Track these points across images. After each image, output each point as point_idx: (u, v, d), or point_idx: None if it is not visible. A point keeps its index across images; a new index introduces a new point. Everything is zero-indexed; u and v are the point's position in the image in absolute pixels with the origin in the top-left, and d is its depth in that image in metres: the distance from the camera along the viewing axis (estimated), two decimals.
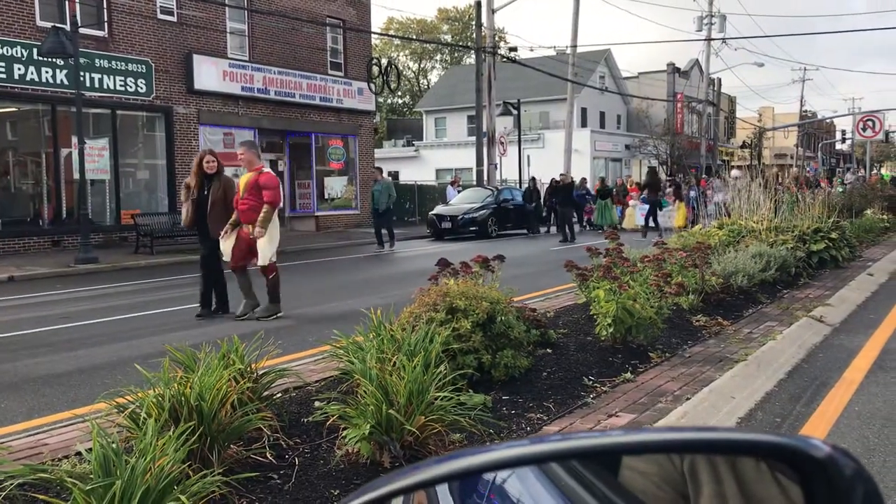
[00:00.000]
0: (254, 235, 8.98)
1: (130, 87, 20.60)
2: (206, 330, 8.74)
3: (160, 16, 21.45)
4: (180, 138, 22.01)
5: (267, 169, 9.73)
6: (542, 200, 26.49)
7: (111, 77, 20.10)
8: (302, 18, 24.51)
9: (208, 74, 22.45)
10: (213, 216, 9.16)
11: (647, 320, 6.00)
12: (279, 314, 9.44)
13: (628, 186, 29.20)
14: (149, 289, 13.13)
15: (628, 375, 5.47)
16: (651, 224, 22.75)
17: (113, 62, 20.13)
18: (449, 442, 3.95)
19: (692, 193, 25.69)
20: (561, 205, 22.90)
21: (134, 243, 19.13)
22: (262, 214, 8.91)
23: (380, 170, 21.86)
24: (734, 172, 23.71)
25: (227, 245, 9.17)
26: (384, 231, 20.11)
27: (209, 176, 9.28)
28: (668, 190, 26.19)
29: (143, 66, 20.93)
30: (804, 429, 4.70)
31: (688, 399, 4.95)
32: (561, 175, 25.58)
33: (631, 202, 26.76)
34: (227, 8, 23.08)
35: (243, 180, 9.17)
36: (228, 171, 10.27)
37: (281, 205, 10.38)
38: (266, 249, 9.09)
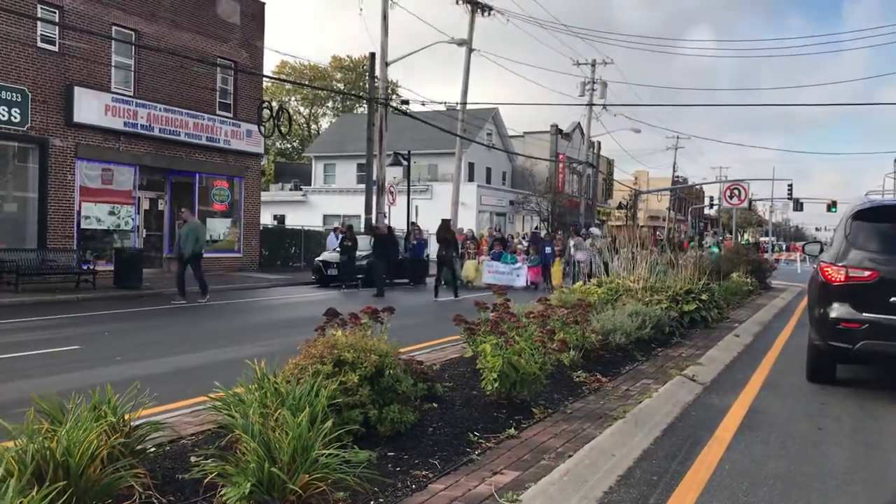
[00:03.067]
0: None
1: (3, 115, 19.54)
2: (76, 376, 8.25)
3: (40, 44, 20.57)
4: (55, 171, 20.98)
5: None
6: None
7: None
8: (191, 57, 24.05)
9: (89, 107, 21.61)
10: None
11: (531, 376, 6.08)
12: None
13: (479, 239, 28.04)
14: (11, 329, 12.31)
15: (513, 431, 5.52)
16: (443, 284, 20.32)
17: None
18: (333, 501, 3.85)
19: (547, 250, 25.02)
20: (374, 256, 21.15)
21: None
22: None
23: (187, 210, 19.14)
24: (593, 230, 23.87)
25: None
26: (198, 279, 17.24)
27: None
28: (520, 246, 26.08)
29: (19, 95, 19.93)
30: (679, 487, 4.85)
31: (570, 456, 5.03)
32: (375, 223, 23.87)
33: (480, 258, 25.51)
34: (112, 41, 22.38)
35: None
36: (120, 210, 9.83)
37: None
38: None
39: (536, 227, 42.52)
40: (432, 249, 25.32)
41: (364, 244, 23.92)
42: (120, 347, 10.46)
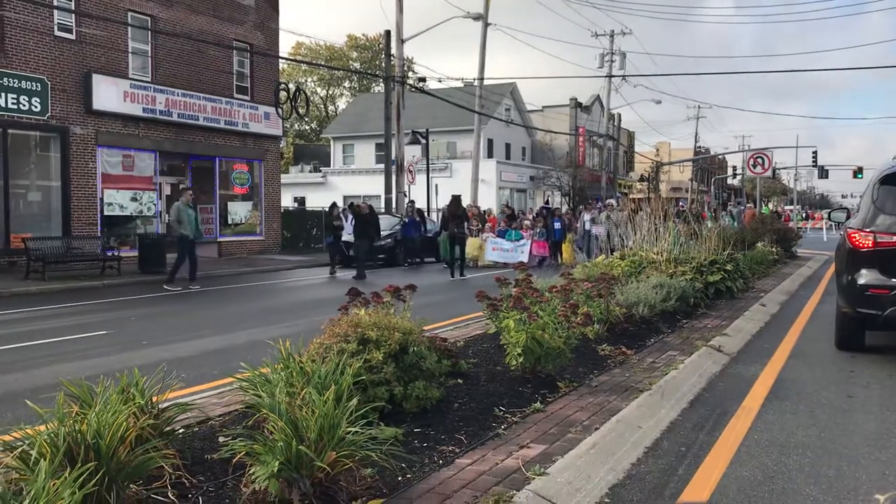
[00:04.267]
0: None
1: (24, 105, 19.68)
2: (103, 361, 8.34)
3: (58, 33, 20.65)
4: (77, 159, 21.14)
5: None
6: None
7: (2, 94, 19.17)
8: (208, 41, 24.05)
9: (108, 95, 21.71)
10: None
11: (555, 350, 6.07)
12: None
13: (487, 216, 26.93)
14: (40, 316, 12.47)
15: (538, 405, 5.51)
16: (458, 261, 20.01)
17: (4, 79, 19.22)
18: (360, 478, 3.86)
19: (556, 225, 24.08)
20: (356, 236, 20.20)
21: (24, 268, 18.19)
22: None
23: (185, 190, 18.46)
24: (610, 201, 22.57)
25: None
26: (177, 264, 16.92)
27: None
28: (526, 222, 24.72)
29: (38, 84, 20.05)
30: (708, 458, 4.82)
31: (597, 429, 5.01)
32: (359, 202, 22.35)
33: (483, 235, 24.21)
34: (129, 28, 22.43)
35: None
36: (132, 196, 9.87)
37: None
38: None
39: (547, 201, 41.95)
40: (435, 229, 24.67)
41: (385, 224, 23.82)
42: (146, 332, 10.57)
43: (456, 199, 21.04)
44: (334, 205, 24.46)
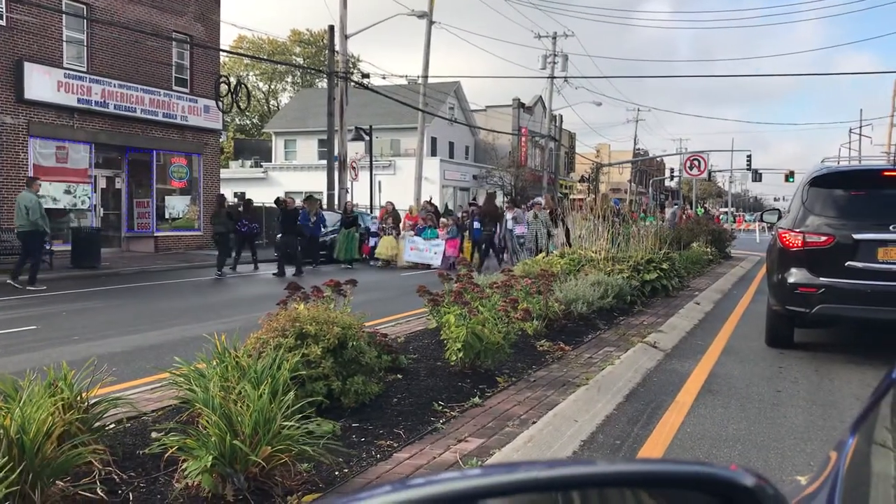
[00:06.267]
0: None
1: None
2: (32, 356, 8.09)
3: None
4: (7, 150, 20.43)
5: None
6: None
7: None
8: (146, 31, 23.49)
9: (41, 84, 21.03)
10: None
11: (495, 345, 6.10)
12: None
13: (407, 213, 24.98)
14: None
15: (477, 400, 5.53)
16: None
17: None
18: (296, 472, 3.83)
19: (476, 225, 22.22)
20: (282, 232, 19.42)
21: None
22: None
23: (33, 179, 16.31)
24: (538, 200, 20.87)
25: None
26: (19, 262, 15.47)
27: None
28: (443, 220, 22.82)
29: None
30: (642, 450, 4.92)
31: (534, 423, 5.06)
32: (284, 198, 21.23)
33: (404, 233, 22.60)
34: (63, 15, 21.76)
35: None
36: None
37: None
38: None
39: (474, 198, 40.83)
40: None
41: (330, 221, 23.52)
42: (78, 327, 10.29)
43: (491, 197, 20.96)
44: (278, 199, 24.06)
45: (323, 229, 22.38)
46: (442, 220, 22.96)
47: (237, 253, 20.35)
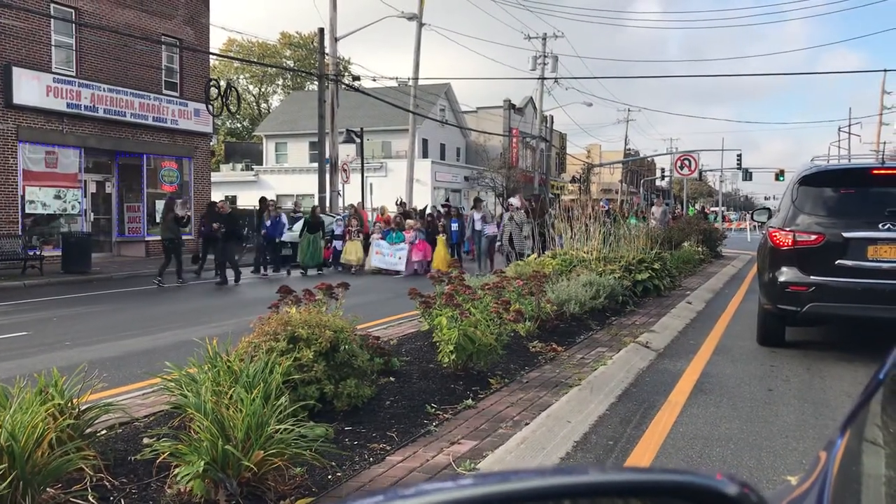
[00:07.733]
0: None
1: None
2: (23, 362, 8.05)
3: None
4: None
5: None
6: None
7: None
8: (135, 35, 23.42)
9: (29, 88, 20.94)
10: None
11: (487, 347, 6.10)
12: None
13: (378, 214, 23.77)
14: None
15: (470, 402, 5.53)
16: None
17: None
18: (289, 476, 3.82)
19: (454, 226, 22.08)
20: (224, 238, 18.21)
21: None
22: None
23: None
24: (511, 200, 19.25)
25: None
26: None
27: None
28: (409, 222, 21.09)
29: None
30: (635, 450, 4.92)
31: (527, 424, 5.06)
32: (221, 202, 20.72)
33: (374, 236, 21.16)
34: (51, 20, 21.68)
35: None
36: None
37: None
38: None
39: (447, 199, 39.22)
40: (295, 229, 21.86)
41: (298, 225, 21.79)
42: (69, 332, 10.24)
43: (537, 197, 20.57)
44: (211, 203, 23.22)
45: (288, 233, 21.62)
46: (408, 221, 21.13)
47: (202, 256, 19.72)
